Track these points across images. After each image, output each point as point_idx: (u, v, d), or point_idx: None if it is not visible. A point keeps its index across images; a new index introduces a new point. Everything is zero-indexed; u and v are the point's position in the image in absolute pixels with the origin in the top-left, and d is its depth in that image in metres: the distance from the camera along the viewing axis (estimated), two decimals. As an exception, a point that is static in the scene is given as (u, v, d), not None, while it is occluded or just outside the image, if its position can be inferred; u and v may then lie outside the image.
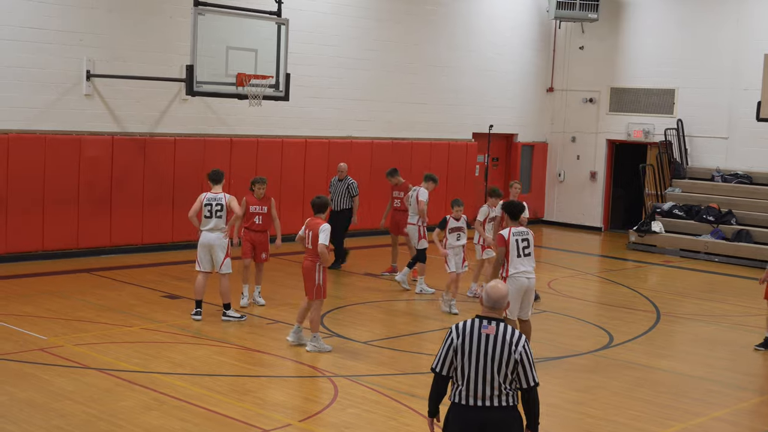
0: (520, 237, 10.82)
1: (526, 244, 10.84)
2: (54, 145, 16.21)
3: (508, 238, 10.76)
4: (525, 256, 10.81)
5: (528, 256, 10.84)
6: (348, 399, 9.49)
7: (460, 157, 23.09)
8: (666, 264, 19.98)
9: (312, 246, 11.13)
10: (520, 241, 10.80)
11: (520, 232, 10.87)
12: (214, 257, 12.52)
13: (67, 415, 8.62)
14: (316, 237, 11.06)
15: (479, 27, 23.56)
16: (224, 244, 12.52)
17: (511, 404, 5.77)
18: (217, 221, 12.47)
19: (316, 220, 11.27)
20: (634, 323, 13.84)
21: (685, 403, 10.03)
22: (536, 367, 5.82)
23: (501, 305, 5.83)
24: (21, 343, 11.00)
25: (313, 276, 11.17)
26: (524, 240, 10.84)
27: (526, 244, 10.85)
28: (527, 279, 10.81)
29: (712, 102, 22.68)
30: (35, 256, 16.23)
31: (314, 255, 11.13)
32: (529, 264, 10.85)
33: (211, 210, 12.48)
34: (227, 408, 9.04)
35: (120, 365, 10.29)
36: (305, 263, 11.30)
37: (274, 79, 15.98)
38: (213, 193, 12.59)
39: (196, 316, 12.54)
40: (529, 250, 10.87)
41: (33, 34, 15.97)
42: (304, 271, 11.32)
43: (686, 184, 22.74)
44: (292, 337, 11.50)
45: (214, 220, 12.47)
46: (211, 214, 12.48)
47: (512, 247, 10.74)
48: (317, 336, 11.27)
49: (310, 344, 11.28)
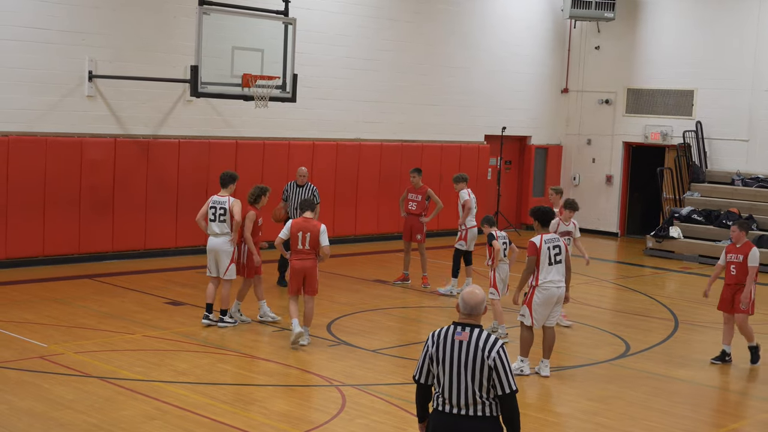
0: (552, 244, 10.84)
1: (557, 251, 10.85)
2: (55, 148, 16.26)
3: (540, 246, 10.77)
4: (556, 263, 10.83)
5: (559, 264, 10.86)
6: (356, 409, 9.48)
7: (472, 160, 23.08)
8: (684, 271, 19.93)
9: (310, 247, 11.63)
10: (552, 248, 10.81)
11: (552, 239, 10.89)
12: (219, 263, 12.55)
13: (67, 425, 8.64)
14: (315, 239, 11.59)
15: (492, 26, 23.57)
16: (229, 250, 12.52)
17: (488, 414, 5.71)
18: (220, 225, 12.48)
19: (311, 222, 11.70)
20: (651, 332, 13.81)
21: (704, 414, 10.00)
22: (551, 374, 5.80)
23: (478, 312, 5.80)
24: (21, 350, 11.03)
25: (315, 273, 11.78)
26: (555, 247, 10.85)
27: (558, 251, 10.86)
28: (557, 288, 10.84)
29: (732, 103, 22.63)
30: (35, 262, 16.28)
31: (312, 255, 11.68)
32: (559, 272, 10.87)
33: (215, 214, 12.51)
34: (232, 418, 9.05)
35: (122, 373, 10.31)
36: (307, 264, 11.69)
37: (281, 80, 16.01)
38: (219, 196, 12.62)
39: (203, 320, 12.60)
40: (560, 257, 10.88)
41: (34, 34, 16.03)
42: (305, 271, 11.71)
43: (705, 188, 22.68)
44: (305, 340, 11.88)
45: (217, 224, 12.49)
46: (215, 218, 12.51)
47: (543, 255, 10.76)
48: (307, 329, 11.94)
49: (307, 338, 11.87)
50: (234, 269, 12.59)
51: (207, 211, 12.58)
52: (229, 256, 12.52)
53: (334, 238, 19.98)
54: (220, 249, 12.50)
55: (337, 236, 20.21)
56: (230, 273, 12.56)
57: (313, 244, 11.62)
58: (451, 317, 13.71)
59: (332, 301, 14.73)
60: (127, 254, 17.36)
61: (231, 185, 12.74)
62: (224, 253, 12.50)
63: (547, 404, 10.07)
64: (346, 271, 17.18)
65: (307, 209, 11.91)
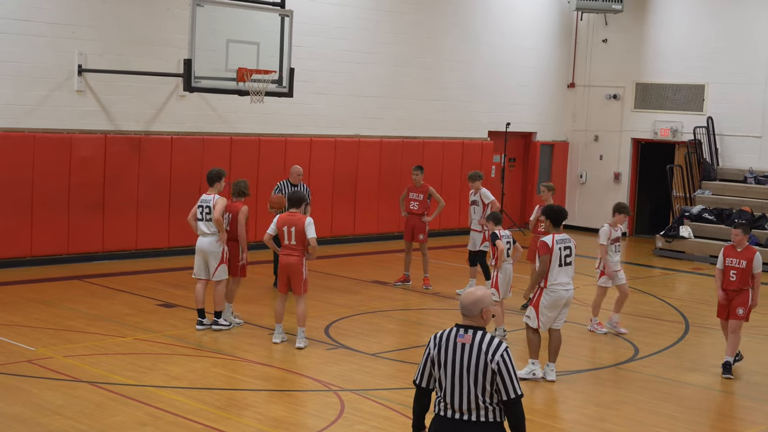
0: (563, 245, 10.84)
1: (568, 252, 10.86)
2: (43, 144, 16.25)
3: (552, 246, 10.77)
4: (566, 265, 10.84)
5: (569, 266, 10.87)
6: (355, 415, 9.48)
7: (475, 157, 23.08)
8: (695, 271, 19.93)
9: (296, 242, 11.58)
10: (563, 249, 10.81)
11: (563, 240, 10.89)
12: (208, 264, 12.55)
13: (56, 431, 8.63)
14: (300, 232, 11.53)
15: (496, 18, 23.57)
16: (218, 251, 12.52)
17: (492, 420, 5.67)
18: (207, 225, 12.48)
19: (296, 216, 11.67)
20: (661, 335, 13.80)
21: (715, 420, 10.00)
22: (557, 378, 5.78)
23: (472, 312, 5.76)
24: (8, 354, 11.02)
25: (300, 271, 11.69)
26: (566, 248, 10.86)
27: (569, 253, 10.87)
28: (566, 291, 10.85)
29: (744, 98, 22.63)
30: (23, 262, 16.28)
31: (298, 250, 11.60)
32: (568, 275, 10.87)
33: (202, 213, 12.53)
34: (226, 424, 9.04)
35: (112, 378, 10.31)
36: (291, 260, 11.68)
37: (278, 74, 16.01)
38: (206, 194, 12.63)
39: (197, 326, 12.59)
40: (571, 259, 10.89)
41: (21, 27, 16.02)
42: (289, 268, 11.69)
43: (717, 186, 22.68)
44: (278, 338, 12.02)
45: (204, 223, 12.50)
46: (202, 217, 12.53)
47: (555, 256, 10.76)
48: (303, 330, 11.88)
49: (301, 340, 11.85)
50: (224, 269, 12.57)
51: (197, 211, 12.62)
52: (218, 257, 12.51)
53: (333, 237, 20.07)
54: (208, 249, 12.50)
55: (336, 236, 20.24)
56: (219, 274, 12.55)
57: (299, 238, 11.59)
58: (453, 319, 13.70)
59: (330, 303, 14.73)
60: (117, 255, 17.36)
61: (218, 183, 12.70)
62: (212, 253, 12.50)
63: (553, 410, 10.07)
64: (344, 272, 17.18)
65: (293, 206, 11.86)
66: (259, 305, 14.09)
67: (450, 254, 20.02)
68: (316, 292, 15.21)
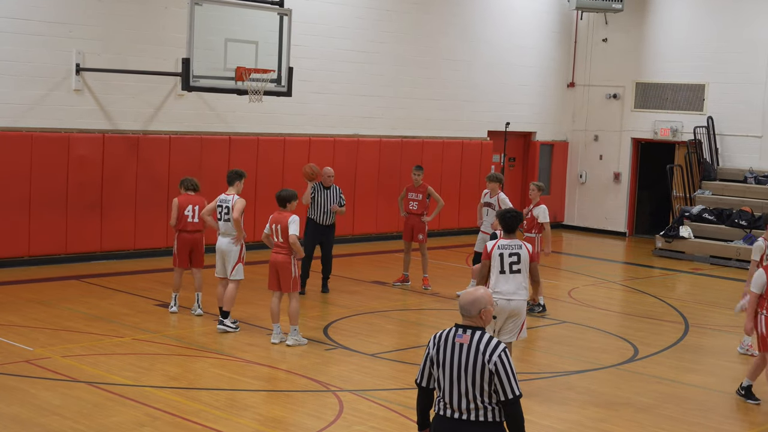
0: (508, 251, 10.09)
1: (515, 259, 10.06)
2: (41, 144, 16.26)
3: (491, 251, 10.14)
4: (511, 273, 10.04)
5: (516, 273, 10.05)
6: (354, 415, 9.49)
7: (474, 156, 23.09)
8: (695, 272, 19.93)
9: (283, 240, 11.77)
10: (507, 256, 10.07)
11: (509, 245, 10.13)
12: (226, 263, 12.68)
13: (53, 431, 8.63)
14: (285, 230, 11.72)
15: (495, 17, 23.57)
16: (235, 250, 12.63)
17: (491, 420, 5.70)
18: (225, 225, 12.63)
19: (283, 214, 11.87)
20: (661, 335, 13.81)
21: (715, 421, 10.00)
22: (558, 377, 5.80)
23: (470, 312, 5.78)
24: (5, 354, 11.02)
25: (289, 269, 11.84)
26: (513, 255, 10.07)
27: (516, 260, 10.06)
28: (506, 301, 10.01)
29: (745, 98, 22.64)
30: (20, 262, 16.29)
31: (286, 248, 11.78)
32: (514, 283, 10.04)
33: (221, 213, 12.69)
34: (225, 424, 9.05)
35: (111, 378, 10.31)
36: (279, 258, 11.86)
37: (276, 74, 16.02)
38: (225, 194, 12.74)
39: (219, 326, 12.62)
40: (519, 267, 10.06)
41: (19, 26, 16.03)
42: (278, 266, 11.87)
43: (717, 186, 22.69)
44: (276, 338, 12.06)
45: (223, 223, 12.67)
46: (221, 216, 12.68)
47: (495, 262, 10.08)
48: (297, 328, 11.94)
49: (291, 338, 11.94)
50: (241, 269, 12.71)
51: (214, 207, 12.78)
52: (236, 256, 12.64)
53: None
54: (226, 249, 12.63)
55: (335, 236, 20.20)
56: (237, 273, 12.63)
57: (285, 235, 11.77)
58: (452, 320, 13.72)
59: (329, 303, 14.75)
60: (116, 254, 17.36)
61: (237, 182, 12.83)
62: (228, 253, 12.63)
63: (553, 410, 10.08)
64: (343, 272, 17.18)
65: (279, 205, 12.01)
66: (258, 306, 14.08)
67: (449, 254, 20.03)
68: (315, 292, 15.23)
